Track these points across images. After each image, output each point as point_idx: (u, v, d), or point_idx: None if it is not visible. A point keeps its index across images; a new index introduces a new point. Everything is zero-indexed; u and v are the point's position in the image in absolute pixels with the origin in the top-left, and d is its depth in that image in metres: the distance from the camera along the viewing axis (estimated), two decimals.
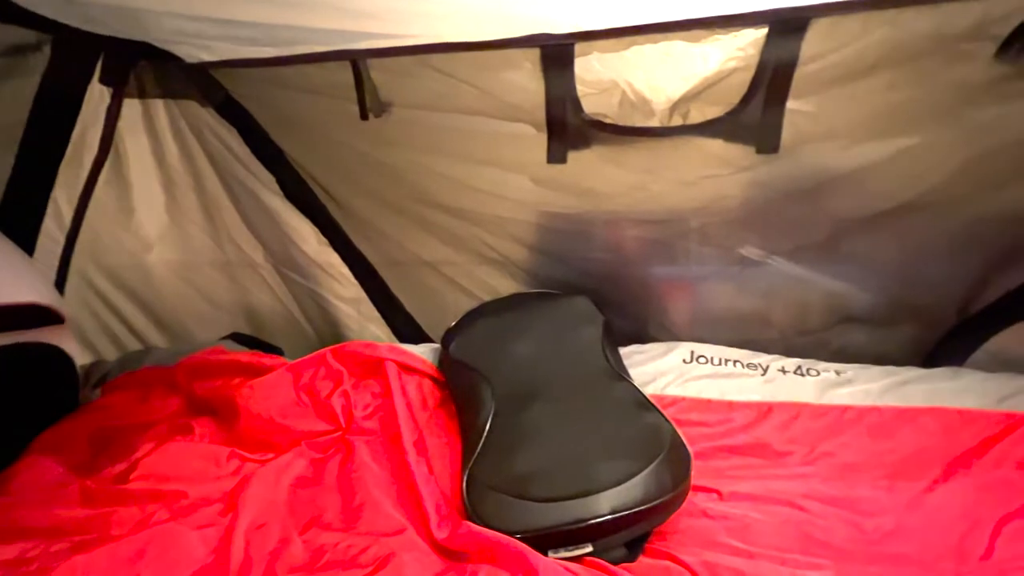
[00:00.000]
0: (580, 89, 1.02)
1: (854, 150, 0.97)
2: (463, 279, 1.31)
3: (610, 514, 0.70)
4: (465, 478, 0.83)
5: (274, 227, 1.33)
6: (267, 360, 1.17)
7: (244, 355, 1.19)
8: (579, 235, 1.21)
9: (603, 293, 1.22)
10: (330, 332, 1.41)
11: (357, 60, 1.03)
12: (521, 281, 1.29)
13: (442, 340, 1.15)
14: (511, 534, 0.72)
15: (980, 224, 0.99)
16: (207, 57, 1.04)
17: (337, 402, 1.05)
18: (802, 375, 1.08)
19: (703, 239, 1.15)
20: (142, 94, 1.20)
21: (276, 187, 1.28)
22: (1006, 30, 0.84)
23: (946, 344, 1.12)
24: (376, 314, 1.39)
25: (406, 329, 1.39)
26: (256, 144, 1.24)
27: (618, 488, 0.71)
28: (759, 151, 1.00)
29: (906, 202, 0.99)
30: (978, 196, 0.97)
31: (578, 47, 0.97)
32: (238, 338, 1.41)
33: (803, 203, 1.04)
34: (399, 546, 0.74)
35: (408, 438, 0.95)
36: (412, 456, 0.91)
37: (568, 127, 1.06)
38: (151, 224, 1.32)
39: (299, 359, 1.14)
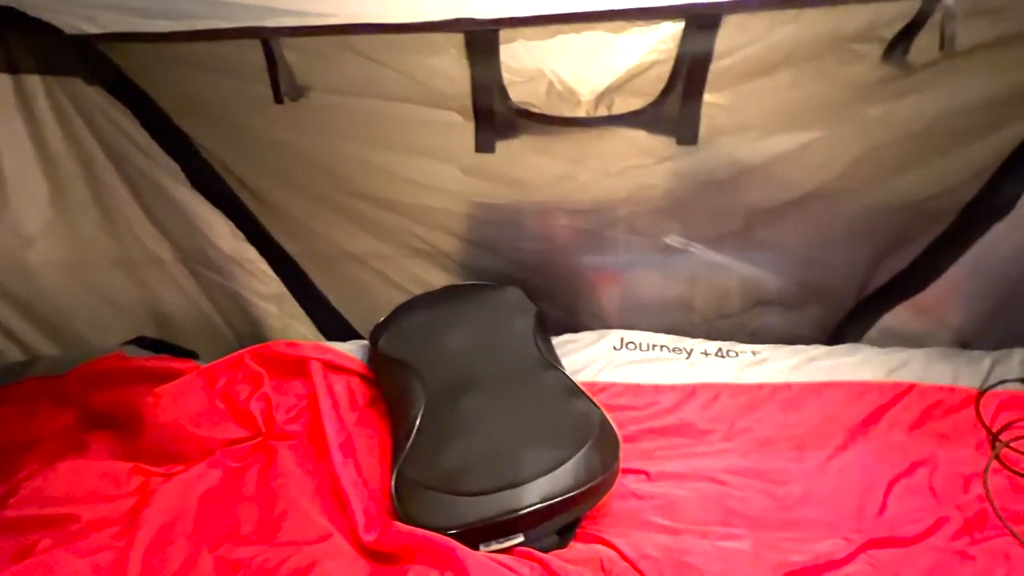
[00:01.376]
0: (507, 77, 1.00)
1: (764, 142, 1.02)
2: (392, 272, 1.27)
3: (540, 503, 0.70)
4: (394, 477, 0.80)
5: (182, 220, 1.22)
6: (176, 364, 1.07)
7: (149, 360, 1.09)
8: (510, 225, 1.20)
9: (535, 283, 1.22)
10: (250, 332, 1.32)
11: (268, 39, 0.96)
12: (453, 273, 1.27)
13: (371, 336, 1.11)
14: (442, 531, 0.70)
15: (872, 212, 1.08)
16: (90, 29, 0.93)
17: (256, 406, 0.98)
18: (722, 357, 1.14)
19: (630, 228, 1.18)
20: (13, 68, 1.05)
21: (182, 176, 1.17)
22: (891, 33, 0.92)
23: (846, 323, 1.22)
24: (300, 311, 1.31)
25: (333, 326, 1.33)
26: (157, 129, 1.13)
27: (548, 476, 0.72)
28: (679, 142, 1.03)
29: (809, 192, 1.06)
30: (870, 187, 1.05)
31: (503, 34, 0.95)
32: (143, 342, 1.29)
33: (720, 193, 1.09)
34: (323, 553, 0.70)
35: (334, 440, 0.90)
36: (338, 459, 0.87)
37: (496, 116, 1.04)
38: (31, 218, 1.17)
39: (213, 362, 1.06)
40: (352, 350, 1.14)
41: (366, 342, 1.15)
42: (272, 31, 0.93)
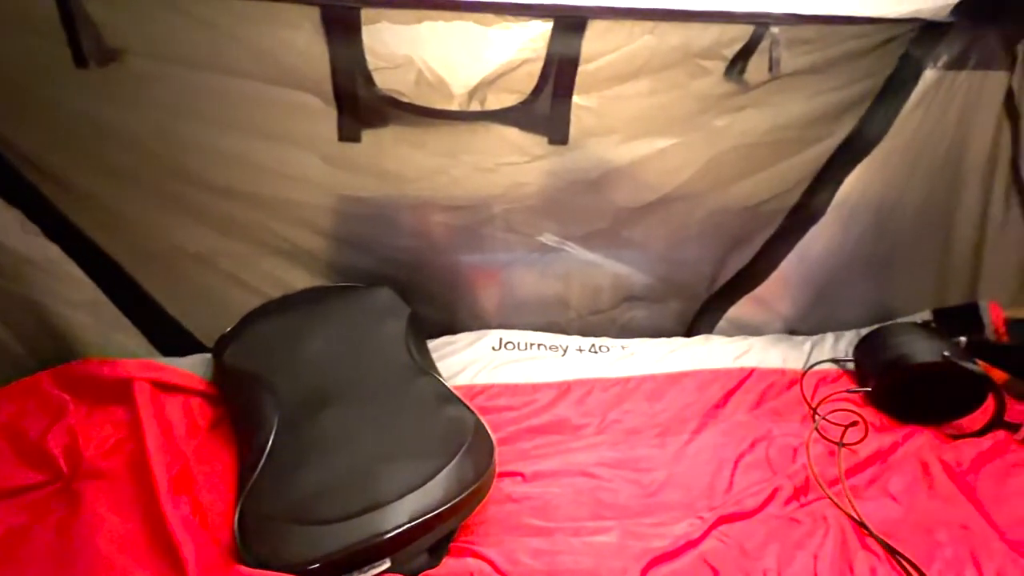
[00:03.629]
0: (372, 62, 0.94)
1: (627, 146, 1.08)
2: (246, 273, 1.11)
3: (409, 522, 0.65)
4: (238, 510, 0.69)
5: None
6: None
7: None
8: (382, 221, 1.13)
9: (411, 283, 1.16)
10: (55, 349, 1.07)
11: None
12: (318, 273, 1.16)
13: (215, 347, 0.96)
14: (297, 568, 0.62)
15: (719, 214, 1.20)
16: None
17: (57, 442, 0.80)
18: (595, 352, 1.19)
19: (507, 226, 1.17)
20: None
21: None
22: (731, 53, 1.02)
23: (700, 316, 1.34)
24: (125, 322, 1.09)
25: (169, 338, 1.13)
26: None
27: (417, 492, 0.67)
28: (551, 141, 1.05)
29: (667, 194, 1.14)
30: (717, 190, 1.16)
31: (366, 14, 0.89)
32: None
33: (590, 192, 1.13)
34: None
35: (164, 474, 0.76)
36: (168, 497, 0.73)
37: (361, 102, 0.97)
38: None
39: None
40: (192, 365, 0.98)
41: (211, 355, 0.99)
42: None
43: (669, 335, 1.30)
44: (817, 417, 1.01)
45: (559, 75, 0.99)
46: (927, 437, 0.95)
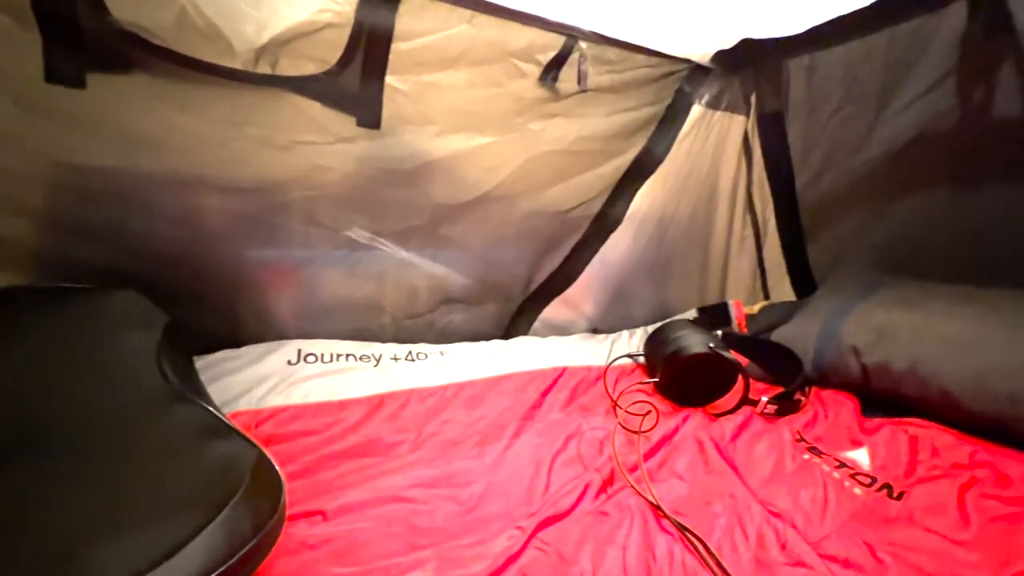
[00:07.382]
0: None
1: (445, 139, 1.02)
2: None
3: None
4: None
5: None
6: None
7: None
8: (127, 201, 0.86)
9: (172, 284, 0.91)
10: None
11: None
12: (18, 271, 0.82)
13: None
14: None
15: (534, 216, 1.23)
16: None
17: None
18: (412, 360, 1.09)
19: (306, 217, 1.00)
20: None
21: None
22: (545, 59, 1.04)
23: (517, 318, 1.36)
24: None
25: None
26: None
27: (160, 570, 0.48)
28: (360, 123, 0.94)
29: (485, 193, 1.12)
30: (532, 193, 1.18)
31: None
32: None
33: (405, 185, 1.03)
34: None
35: None
36: None
37: (85, 33, 0.71)
38: None
39: None
40: None
41: None
42: None
43: (487, 338, 1.28)
44: (619, 410, 1.08)
45: (369, 49, 0.88)
46: (699, 418, 1.10)
